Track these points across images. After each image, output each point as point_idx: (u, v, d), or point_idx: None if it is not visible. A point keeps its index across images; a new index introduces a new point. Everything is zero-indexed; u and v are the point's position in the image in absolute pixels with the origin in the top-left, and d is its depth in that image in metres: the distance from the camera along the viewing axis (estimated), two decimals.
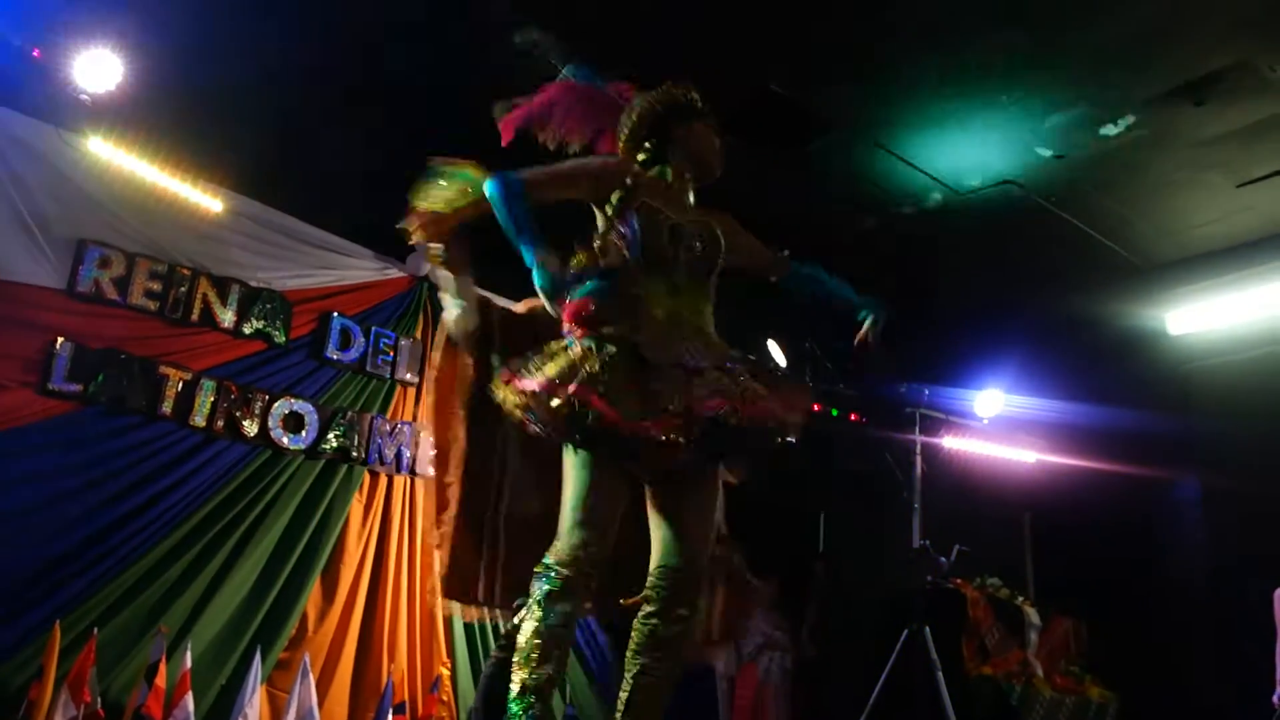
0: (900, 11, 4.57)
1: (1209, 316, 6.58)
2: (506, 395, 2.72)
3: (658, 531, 2.79)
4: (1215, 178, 5.63)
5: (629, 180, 2.89)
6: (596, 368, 2.61)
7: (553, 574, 2.62)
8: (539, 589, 2.62)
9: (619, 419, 2.55)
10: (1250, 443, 6.18)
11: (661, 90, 3.08)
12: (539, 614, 2.60)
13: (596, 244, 2.83)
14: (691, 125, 3.06)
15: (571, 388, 2.58)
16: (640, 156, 3.09)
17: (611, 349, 2.66)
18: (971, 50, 4.78)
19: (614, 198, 2.85)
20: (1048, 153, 5.49)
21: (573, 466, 2.70)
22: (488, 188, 2.79)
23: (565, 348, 2.72)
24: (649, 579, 2.74)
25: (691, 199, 3.07)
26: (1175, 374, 6.75)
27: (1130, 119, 5.15)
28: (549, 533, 2.71)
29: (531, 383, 2.65)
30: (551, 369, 2.65)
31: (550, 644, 2.59)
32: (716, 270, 2.96)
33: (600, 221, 2.91)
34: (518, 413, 2.69)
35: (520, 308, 3.48)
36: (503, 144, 3.22)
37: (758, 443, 2.79)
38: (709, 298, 2.95)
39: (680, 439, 2.57)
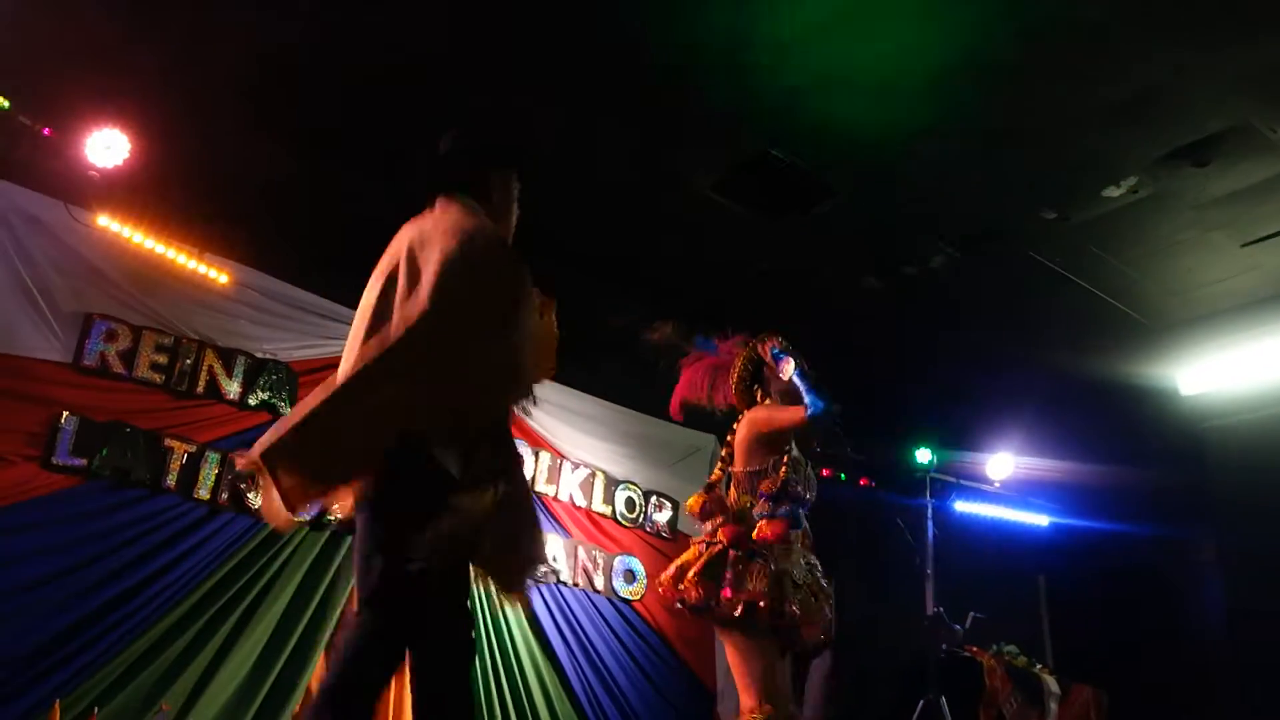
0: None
1: (1220, 375, 6.54)
2: (727, 605, 3.45)
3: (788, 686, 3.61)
4: (1220, 238, 5.63)
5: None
6: (801, 591, 3.49)
7: None
8: None
9: (810, 625, 3.49)
10: (1267, 501, 6.10)
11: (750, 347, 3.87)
12: None
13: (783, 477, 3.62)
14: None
15: (789, 605, 3.41)
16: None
17: (802, 572, 3.55)
18: (970, 113, 4.82)
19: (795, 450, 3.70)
20: (1051, 215, 5.50)
21: (753, 652, 3.45)
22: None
23: (763, 562, 3.49)
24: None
25: None
26: (1189, 434, 6.69)
27: (1132, 180, 5.16)
28: None
29: (750, 595, 3.43)
30: (759, 585, 3.43)
31: None
32: None
33: (774, 461, 3.66)
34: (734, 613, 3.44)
35: None
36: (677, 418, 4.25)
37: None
38: None
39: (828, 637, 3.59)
